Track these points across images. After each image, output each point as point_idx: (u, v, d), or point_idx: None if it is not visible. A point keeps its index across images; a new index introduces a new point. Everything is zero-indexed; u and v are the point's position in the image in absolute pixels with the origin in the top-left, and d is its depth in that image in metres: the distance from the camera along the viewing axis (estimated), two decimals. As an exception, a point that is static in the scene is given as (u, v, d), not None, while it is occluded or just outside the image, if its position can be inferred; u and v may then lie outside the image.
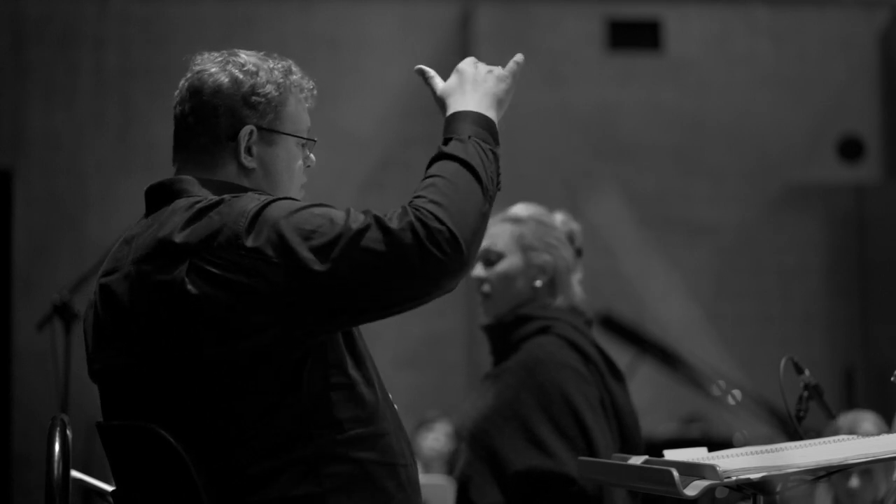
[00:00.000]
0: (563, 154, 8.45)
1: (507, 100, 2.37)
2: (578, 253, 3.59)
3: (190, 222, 2.14)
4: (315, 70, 2.41)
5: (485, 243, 3.36)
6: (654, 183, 8.59)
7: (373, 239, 2.08)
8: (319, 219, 2.11)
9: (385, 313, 2.16)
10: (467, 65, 2.40)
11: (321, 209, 2.14)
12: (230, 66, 2.31)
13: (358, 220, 2.10)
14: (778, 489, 2.17)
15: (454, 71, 2.40)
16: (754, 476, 2.11)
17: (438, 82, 2.40)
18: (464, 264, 2.12)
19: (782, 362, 2.99)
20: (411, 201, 2.15)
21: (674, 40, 8.69)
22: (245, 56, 2.33)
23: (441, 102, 2.37)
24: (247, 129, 2.28)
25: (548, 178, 8.21)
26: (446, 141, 2.27)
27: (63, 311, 4.79)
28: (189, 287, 2.10)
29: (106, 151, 8.34)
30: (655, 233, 8.42)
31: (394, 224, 2.09)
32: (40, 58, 8.33)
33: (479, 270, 3.36)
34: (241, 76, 2.29)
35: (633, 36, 8.70)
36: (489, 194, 2.22)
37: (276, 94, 2.31)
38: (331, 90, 2.51)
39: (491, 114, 2.32)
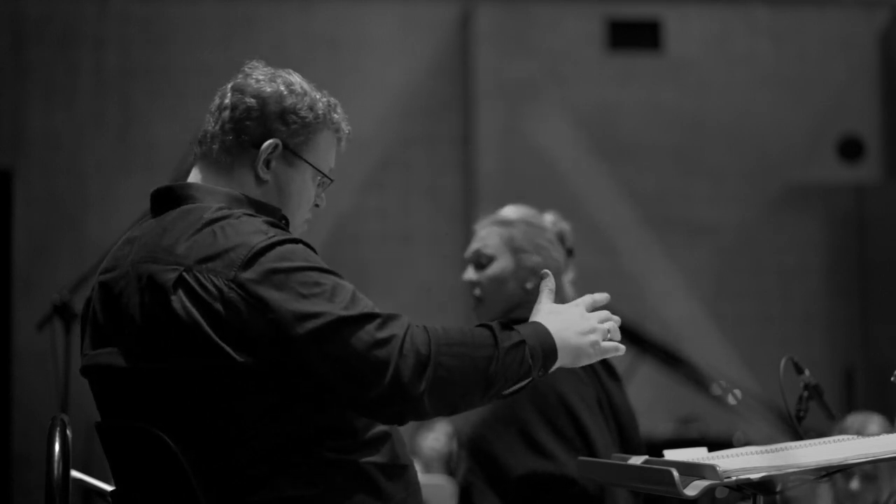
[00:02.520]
0: (563, 154, 8.45)
1: (583, 363, 2.30)
2: (570, 253, 3.58)
3: (194, 233, 2.15)
4: (315, 70, 2.42)
5: (475, 246, 3.36)
6: (654, 183, 8.59)
7: (354, 334, 2.07)
8: (316, 287, 2.09)
9: (321, 399, 2.12)
10: (582, 309, 2.31)
11: (325, 277, 2.12)
12: (279, 80, 2.32)
13: (352, 309, 2.08)
14: (778, 489, 2.17)
15: (577, 303, 2.32)
16: (754, 476, 2.11)
17: (550, 297, 2.34)
18: (415, 404, 2.07)
19: (782, 362, 2.99)
20: (427, 325, 2.13)
21: (674, 40, 8.69)
22: (297, 78, 2.34)
23: (537, 311, 2.32)
24: (272, 141, 2.28)
25: (548, 177, 8.21)
26: (506, 325, 2.22)
27: (63, 311, 4.78)
28: (173, 298, 2.10)
29: (106, 151, 8.34)
30: (655, 233, 8.42)
31: (382, 331, 2.07)
32: (40, 58, 8.33)
33: (470, 274, 3.35)
34: (285, 92, 2.30)
35: (633, 36, 8.70)
36: (487, 388, 2.15)
37: (313, 121, 2.31)
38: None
39: (561, 355, 2.25)
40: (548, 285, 2.36)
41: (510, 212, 3.39)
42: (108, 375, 2.21)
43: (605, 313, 2.34)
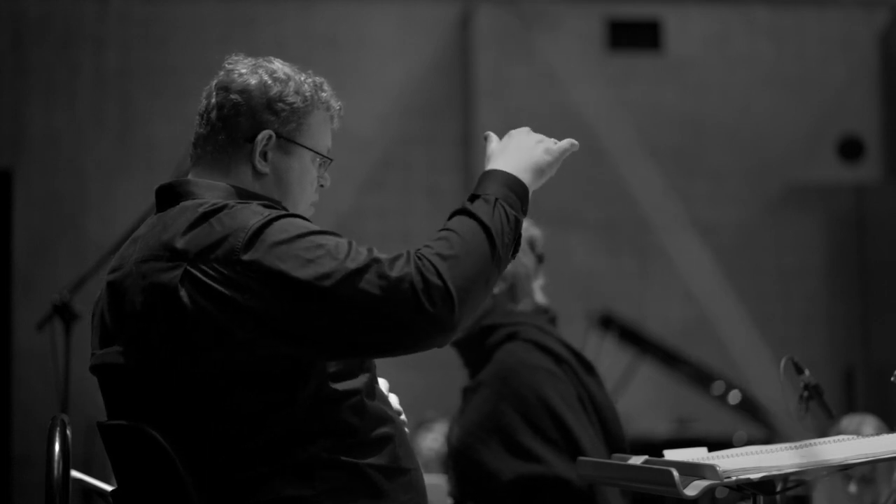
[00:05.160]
0: (563, 154, 8.43)
1: (550, 173, 2.33)
2: (540, 259, 3.58)
3: (192, 227, 2.14)
4: (315, 70, 2.41)
5: None
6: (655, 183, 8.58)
7: (368, 281, 2.07)
8: (320, 249, 2.09)
9: (361, 355, 2.16)
10: (519, 131, 2.35)
11: (325, 238, 2.12)
12: (261, 70, 2.31)
13: (357, 259, 2.09)
14: (778, 489, 2.17)
15: (507, 135, 2.35)
16: (754, 476, 2.11)
17: (493, 139, 2.37)
18: (452, 325, 2.09)
19: (782, 362, 2.99)
20: (419, 249, 2.13)
21: (674, 40, 8.70)
22: (278, 64, 2.33)
23: (487, 159, 2.34)
24: (265, 133, 2.28)
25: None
26: (473, 198, 2.24)
27: (63, 311, 4.78)
28: (181, 294, 2.10)
29: (106, 151, 8.35)
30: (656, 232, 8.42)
31: (392, 271, 2.07)
32: (40, 58, 8.34)
33: None
34: (269, 81, 2.29)
35: (633, 36, 8.70)
36: (499, 262, 2.19)
37: (302, 105, 2.30)
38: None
39: (526, 179, 2.28)
40: (489, 137, 2.37)
41: None
42: (115, 374, 2.21)
43: (524, 128, 2.37)
